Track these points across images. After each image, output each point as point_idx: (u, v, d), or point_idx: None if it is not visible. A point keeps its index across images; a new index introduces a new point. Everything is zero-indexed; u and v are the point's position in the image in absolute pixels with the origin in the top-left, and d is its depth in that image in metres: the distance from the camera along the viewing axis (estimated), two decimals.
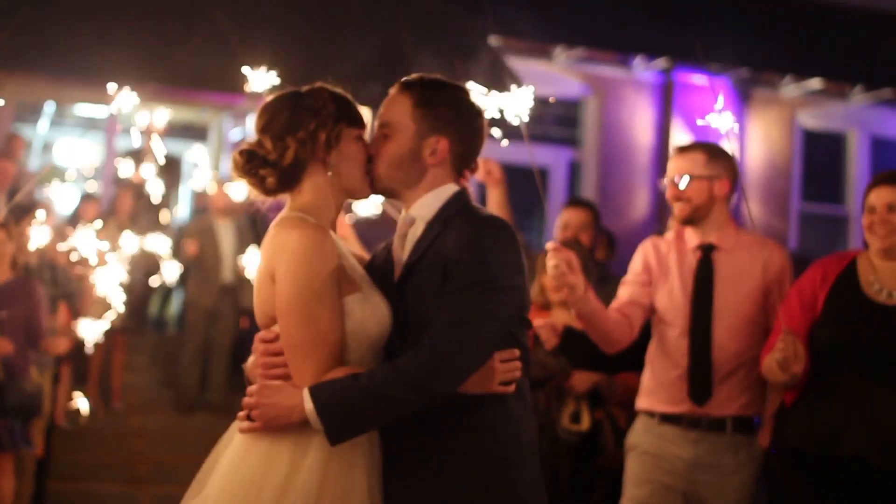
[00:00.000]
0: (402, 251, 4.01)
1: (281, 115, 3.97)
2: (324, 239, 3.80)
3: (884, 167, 16.53)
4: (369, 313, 3.85)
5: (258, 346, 3.94)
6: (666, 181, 5.99)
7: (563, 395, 6.74)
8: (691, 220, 5.90)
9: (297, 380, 3.77)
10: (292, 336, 3.77)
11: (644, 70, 16.92)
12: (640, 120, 17.19)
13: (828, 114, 18.11)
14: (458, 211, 3.95)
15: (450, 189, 4.03)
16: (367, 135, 4.07)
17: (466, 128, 4.05)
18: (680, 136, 16.74)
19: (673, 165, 5.97)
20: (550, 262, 5.28)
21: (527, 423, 3.98)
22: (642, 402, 6.08)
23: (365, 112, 4.16)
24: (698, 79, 16.59)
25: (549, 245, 5.33)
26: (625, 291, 6.10)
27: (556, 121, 17.23)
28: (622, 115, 17.23)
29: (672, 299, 5.94)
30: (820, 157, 18.14)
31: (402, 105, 4.02)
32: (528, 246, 7.10)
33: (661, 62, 16.55)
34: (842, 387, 5.26)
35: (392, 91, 4.08)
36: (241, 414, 3.86)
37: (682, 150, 6.02)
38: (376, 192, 4.10)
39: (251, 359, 4.01)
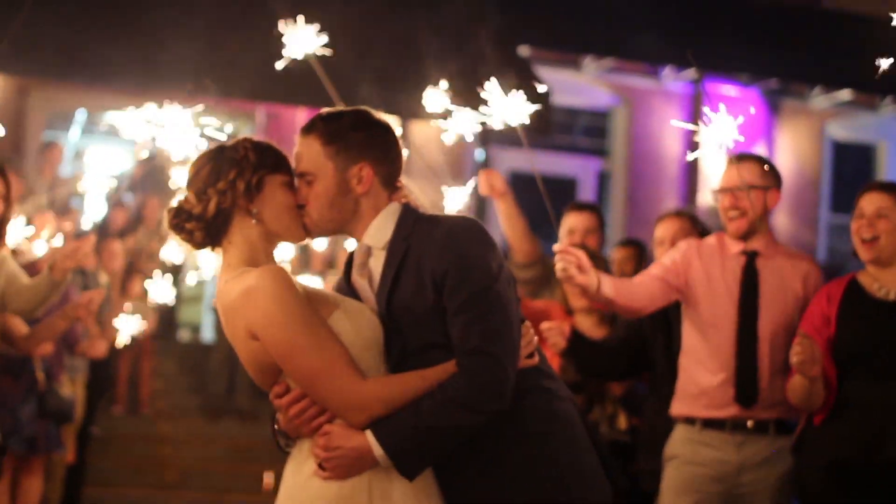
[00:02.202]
0: (368, 280, 3.99)
1: (203, 169, 3.95)
2: (279, 272, 3.80)
3: None
4: (358, 321, 3.85)
5: (278, 403, 3.89)
6: (719, 192, 5.99)
7: (601, 399, 6.77)
8: (748, 233, 5.91)
9: (341, 405, 3.75)
10: (307, 369, 3.75)
11: (673, 80, 16.91)
12: (669, 130, 17.18)
13: (857, 125, 18.07)
14: (415, 225, 3.93)
15: (393, 209, 3.99)
16: (298, 181, 4.00)
17: (381, 147, 4.01)
18: (709, 146, 16.69)
19: (725, 176, 5.96)
20: (558, 264, 5.30)
21: (558, 391, 4.00)
22: (681, 409, 6.04)
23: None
24: (728, 90, 16.57)
25: (555, 247, 5.34)
26: (658, 269, 6.08)
27: (585, 131, 17.25)
28: (651, 125, 17.23)
29: (717, 304, 5.92)
30: (849, 169, 18.09)
31: (311, 148, 3.96)
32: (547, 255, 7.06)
33: (691, 73, 16.54)
34: (873, 391, 5.28)
35: (298, 138, 4.03)
36: (314, 462, 3.79)
37: (737, 160, 6.00)
38: (318, 235, 4.10)
39: (280, 418, 3.95)
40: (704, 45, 16.03)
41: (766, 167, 5.96)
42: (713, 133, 5.24)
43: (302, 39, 5.54)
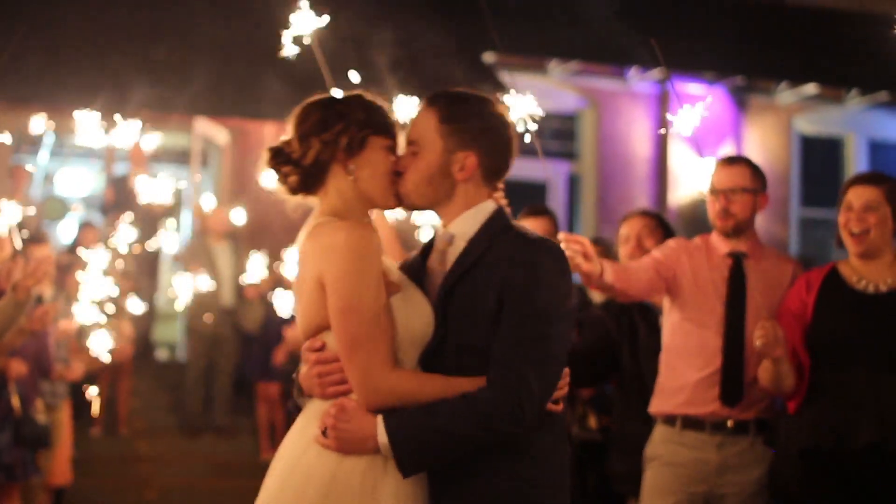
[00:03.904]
0: (443, 266, 3.96)
1: (311, 117, 3.99)
2: (370, 235, 3.79)
3: (881, 169, 16.54)
4: (412, 312, 3.84)
5: (308, 356, 3.93)
6: (708, 193, 6.02)
7: (571, 401, 6.80)
8: (735, 232, 5.94)
9: (362, 381, 3.75)
10: (352, 334, 3.73)
11: (639, 81, 16.95)
12: (638, 131, 17.22)
13: (824, 119, 18.14)
14: (502, 230, 3.92)
15: (488, 207, 3.98)
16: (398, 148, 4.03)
17: (494, 141, 3.98)
18: (677, 146, 16.76)
19: (719, 178, 5.99)
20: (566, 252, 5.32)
21: (561, 447, 3.97)
22: (661, 406, 6.07)
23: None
24: (694, 88, 16.61)
25: (560, 236, 5.35)
26: (650, 260, 6.12)
27: (553, 135, 17.25)
28: (619, 127, 17.26)
29: (704, 303, 5.97)
30: (818, 162, 18.16)
31: (428, 121, 3.96)
32: None
33: (657, 73, 16.58)
34: (847, 380, 5.34)
35: (419, 107, 4.04)
36: (319, 426, 3.80)
37: (727, 162, 6.05)
38: (407, 207, 4.08)
39: (303, 369, 3.98)
40: (670, 45, 16.07)
41: (754, 170, 6.01)
42: (682, 129, 5.27)
43: (303, 25, 5.59)
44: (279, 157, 4.01)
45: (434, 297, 3.90)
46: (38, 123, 12.25)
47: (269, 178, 4.18)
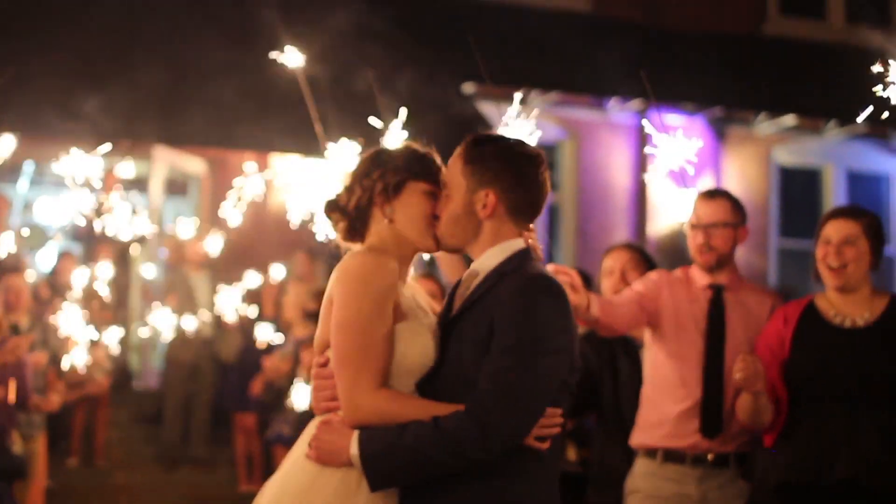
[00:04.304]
0: (462, 300, 4.08)
1: (358, 167, 4.24)
2: (385, 261, 3.97)
3: (860, 201, 16.60)
4: (413, 342, 3.96)
5: (314, 373, 4.14)
6: (689, 227, 6.04)
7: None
8: (715, 266, 5.95)
9: (347, 396, 3.88)
10: (343, 349, 3.90)
11: (619, 112, 16.97)
12: (617, 162, 17.23)
13: (803, 150, 18.17)
14: (515, 268, 3.99)
15: (514, 245, 4.08)
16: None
17: (516, 178, 4.07)
18: (657, 177, 16.78)
19: (699, 213, 6.00)
20: None
21: (544, 486, 3.99)
22: (642, 439, 6.10)
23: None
24: (673, 119, 16.64)
25: (550, 267, 5.37)
26: (632, 293, 6.13)
27: None
28: (598, 157, 17.27)
29: (684, 335, 6.01)
30: (796, 193, 18.19)
31: (455, 164, 4.13)
32: None
33: (636, 104, 16.60)
34: (823, 414, 5.35)
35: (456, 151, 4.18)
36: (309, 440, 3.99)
37: (708, 196, 6.07)
38: (445, 249, 4.22)
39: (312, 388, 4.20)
40: (648, 76, 16.10)
41: (734, 204, 6.03)
42: (664, 160, 5.29)
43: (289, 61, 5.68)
44: (330, 206, 4.25)
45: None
46: (5, 146, 12.18)
47: (240, 210, 4.37)
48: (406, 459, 3.75)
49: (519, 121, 5.57)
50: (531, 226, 4.23)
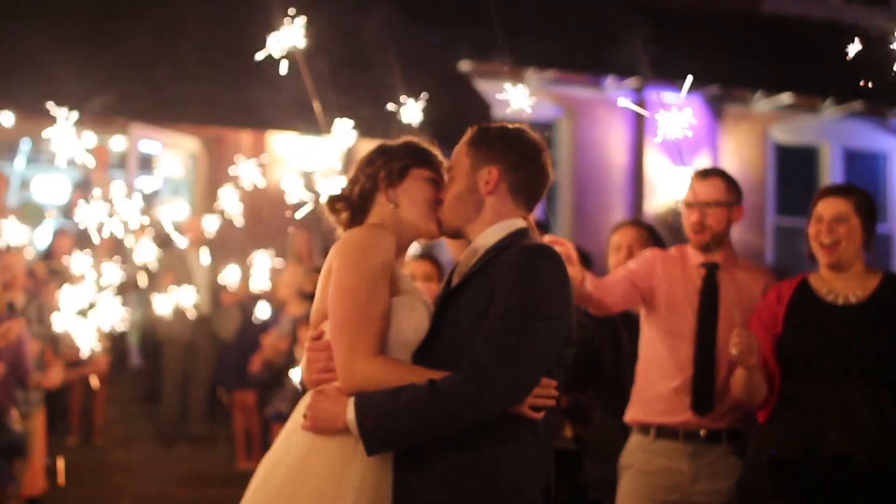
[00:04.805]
0: (460, 277, 4.11)
1: (364, 158, 4.32)
2: (383, 235, 4.06)
3: (857, 179, 16.63)
4: (408, 318, 4.01)
5: (308, 346, 4.17)
6: (683, 205, 6.05)
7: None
8: (709, 245, 5.97)
9: (344, 361, 3.92)
10: (340, 315, 3.95)
11: (616, 90, 16.96)
12: (614, 140, 17.23)
13: (800, 128, 18.18)
14: (513, 243, 4.03)
15: (515, 224, 4.15)
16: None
17: (519, 157, 4.17)
18: (654, 155, 16.79)
19: (694, 191, 6.01)
20: None
21: (538, 457, 4.02)
22: (635, 415, 6.12)
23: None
24: (670, 97, 16.63)
25: (546, 238, 5.37)
26: (625, 272, 6.16)
27: None
28: (596, 135, 17.27)
29: (677, 313, 6.03)
30: (793, 171, 18.19)
31: (460, 147, 4.23)
32: None
33: (633, 81, 16.59)
34: (815, 391, 5.36)
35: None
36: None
37: (703, 175, 6.09)
38: (445, 233, 4.29)
39: (303, 361, 4.22)
40: (645, 53, 16.10)
41: (729, 183, 6.04)
42: (662, 134, 5.28)
43: (286, 37, 5.70)
44: (333, 198, 4.34)
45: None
46: (6, 121, 12.16)
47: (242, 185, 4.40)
48: (403, 422, 3.77)
49: (518, 98, 5.55)
50: (530, 216, 4.27)
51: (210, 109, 14.45)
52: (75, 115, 6.88)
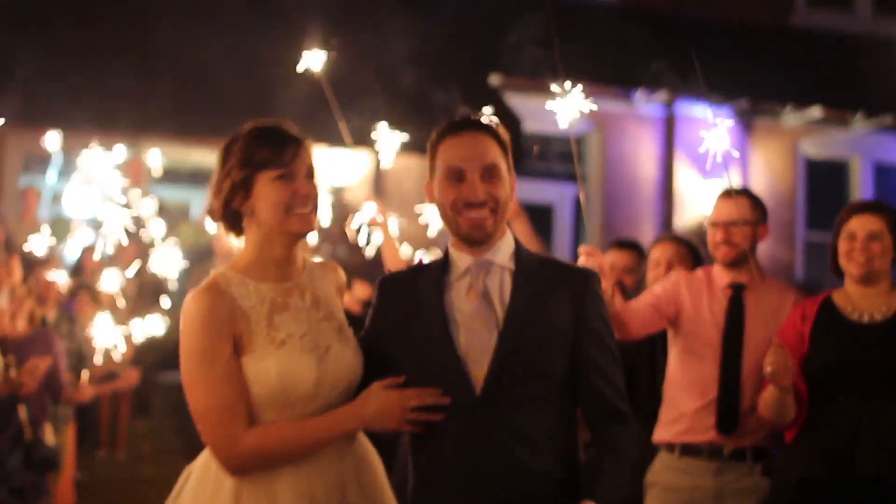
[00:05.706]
0: (484, 299, 3.82)
1: (217, 166, 3.94)
2: (206, 294, 3.79)
3: (887, 193, 16.57)
4: (287, 367, 3.75)
5: None
6: (708, 224, 6.07)
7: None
8: (735, 263, 5.98)
9: (212, 448, 3.82)
10: (193, 406, 3.78)
11: (646, 104, 16.95)
12: (644, 154, 17.21)
13: (830, 142, 18.12)
14: (528, 256, 3.92)
15: (510, 233, 3.97)
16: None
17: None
18: (684, 169, 16.77)
19: (719, 210, 6.03)
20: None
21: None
22: (661, 434, 6.15)
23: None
24: (700, 111, 16.60)
25: (581, 249, 5.35)
26: (650, 296, 6.18)
27: (559, 157, 17.24)
28: (625, 149, 17.25)
29: (703, 334, 6.04)
30: (823, 186, 18.13)
31: (493, 146, 3.87)
32: None
33: (663, 95, 16.57)
34: (843, 410, 5.32)
35: (467, 132, 3.89)
36: None
37: (728, 195, 6.08)
38: (474, 241, 3.87)
39: None
40: (675, 67, 16.09)
41: (754, 202, 6.05)
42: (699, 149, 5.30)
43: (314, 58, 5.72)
44: (208, 212, 4.06)
45: (478, 326, 3.79)
46: (51, 142, 12.26)
47: None
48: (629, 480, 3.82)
49: (564, 111, 5.52)
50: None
51: (229, 123, 14.51)
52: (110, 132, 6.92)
